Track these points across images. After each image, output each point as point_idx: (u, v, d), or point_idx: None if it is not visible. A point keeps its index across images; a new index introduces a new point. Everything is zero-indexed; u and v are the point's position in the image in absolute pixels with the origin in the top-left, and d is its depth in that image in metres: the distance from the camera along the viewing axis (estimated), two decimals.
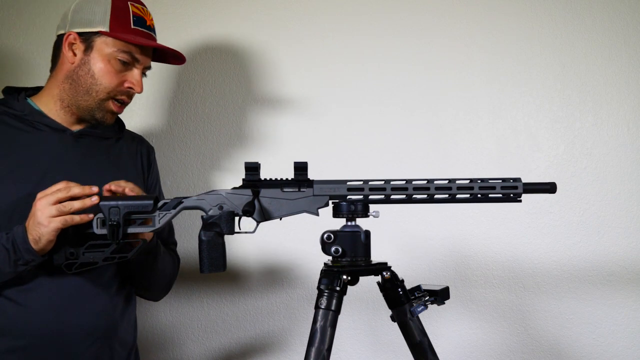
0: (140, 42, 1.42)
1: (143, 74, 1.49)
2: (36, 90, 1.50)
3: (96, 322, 1.41)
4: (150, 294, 1.63)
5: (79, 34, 1.41)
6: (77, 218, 1.25)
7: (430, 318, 1.68)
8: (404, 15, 1.93)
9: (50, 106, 1.45)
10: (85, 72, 1.41)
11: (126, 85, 1.44)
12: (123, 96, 1.45)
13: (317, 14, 1.97)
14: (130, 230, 1.28)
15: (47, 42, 2.08)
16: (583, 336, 1.84)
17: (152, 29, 1.48)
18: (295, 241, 1.97)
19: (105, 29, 1.40)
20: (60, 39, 1.44)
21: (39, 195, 1.26)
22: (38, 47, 2.08)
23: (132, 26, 1.42)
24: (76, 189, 1.26)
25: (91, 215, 1.26)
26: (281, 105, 1.99)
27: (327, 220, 1.31)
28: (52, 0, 2.07)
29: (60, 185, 1.27)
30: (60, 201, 1.24)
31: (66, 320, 1.37)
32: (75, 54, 1.42)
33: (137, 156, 1.60)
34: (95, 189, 1.27)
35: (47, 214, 1.23)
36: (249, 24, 2.00)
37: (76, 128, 1.48)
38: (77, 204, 1.25)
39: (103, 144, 1.52)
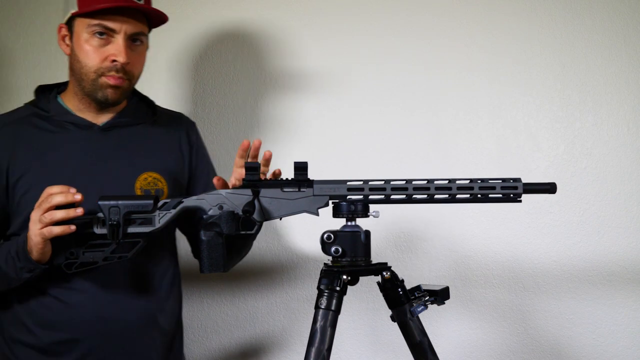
0: (97, 7, 1.31)
1: (135, 40, 1.39)
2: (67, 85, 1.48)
3: (135, 317, 1.42)
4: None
5: (66, 23, 1.39)
6: (56, 230, 1.20)
7: (430, 318, 1.68)
8: (404, 15, 1.93)
9: (74, 102, 1.44)
10: (75, 59, 1.39)
11: (110, 58, 1.36)
12: (112, 72, 1.36)
13: (317, 14, 1.97)
14: (130, 230, 1.28)
15: (48, 41, 2.07)
16: (583, 336, 1.84)
17: None
18: (295, 241, 1.97)
19: (75, 9, 1.35)
20: None
21: (35, 205, 1.24)
22: (38, 47, 2.07)
23: None
24: (58, 197, 1.20)
25: (73, 227, 1.22)
26: (281, 106, 1.99)
27: (327, 220, 1.31)
28: (52, 0, 2.07)
29: (44, 194, 1.23)
30: (45, 212, 1.20)
31: (106, 317, 1.39)
32: (68, 45, 1.40)
33: (175, 137, 1.54)
34: (78, 196, 1.22)
35: (36, 227, 1.21)
36: (250, 25, 2.00)
37: (103, 120, 1.44)
38: (58, 215, 1.20)
39: (135, 131, 1.47)
